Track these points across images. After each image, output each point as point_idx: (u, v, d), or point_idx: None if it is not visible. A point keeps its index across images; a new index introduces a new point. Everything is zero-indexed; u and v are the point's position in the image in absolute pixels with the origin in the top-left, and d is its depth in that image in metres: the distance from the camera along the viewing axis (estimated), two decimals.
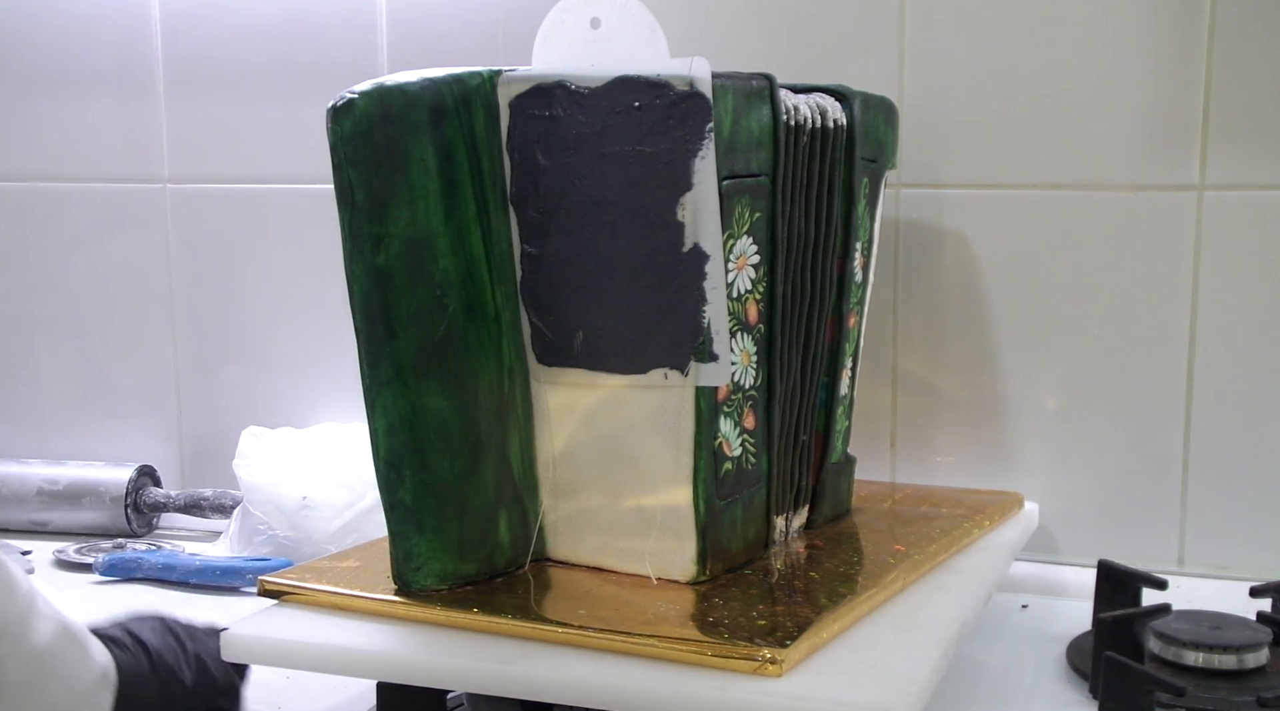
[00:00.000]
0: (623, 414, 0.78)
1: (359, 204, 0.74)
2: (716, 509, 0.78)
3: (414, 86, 0.74)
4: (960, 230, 1.05)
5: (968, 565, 0.87)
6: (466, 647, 0.72)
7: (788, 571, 0.82)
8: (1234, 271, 0.98)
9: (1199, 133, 0.98)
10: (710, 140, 0.72)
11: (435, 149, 0.75)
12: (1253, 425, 0.99)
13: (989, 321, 1.05)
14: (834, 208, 0.87)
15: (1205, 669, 0.79)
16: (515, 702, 0.76)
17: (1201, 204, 0.98)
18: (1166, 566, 1.01)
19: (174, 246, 1.30)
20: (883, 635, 0.73)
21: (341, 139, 0.73)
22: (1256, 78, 0.96)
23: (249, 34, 1.24)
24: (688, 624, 0.72)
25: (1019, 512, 1.00)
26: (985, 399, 1.05)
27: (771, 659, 0.67)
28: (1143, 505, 1.02)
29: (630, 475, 0.79)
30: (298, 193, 1.24)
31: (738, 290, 0.78)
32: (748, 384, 0.80)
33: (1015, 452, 1.05)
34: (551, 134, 0.76)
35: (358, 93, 0.73)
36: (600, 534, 0.81)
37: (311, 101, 1.15)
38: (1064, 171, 1.01)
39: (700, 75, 0.72)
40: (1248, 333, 0.98)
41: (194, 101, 1.27)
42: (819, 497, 0.91)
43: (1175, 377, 1.01)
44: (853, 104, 0.87)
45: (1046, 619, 0.96)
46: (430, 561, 0.77)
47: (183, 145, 1.28)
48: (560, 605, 0.75)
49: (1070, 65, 1.00)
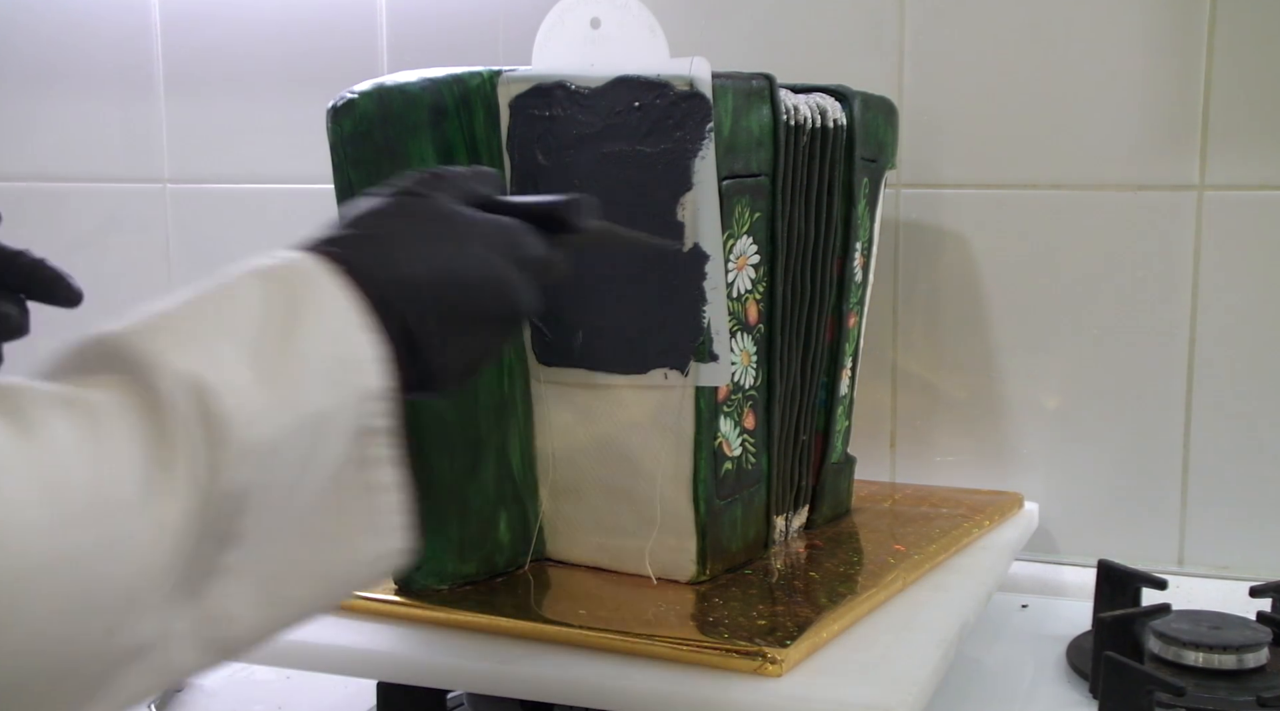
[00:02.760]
0: (623, 414, 0.78)
1: None
2: (716, 509, 0.78)
3: (414, 86, 0.74)
4: (960, 230, 1.05)
5: (967, 565, 0.87)
6: (466, 647, 0.72)
7: (788, 571, 0.82)
8: (1234, 271, 0.98)
9: (1199, 133, 0.98)
10: (710, 140, 0.72)
11: (435, 149, 0.75)
12: (1253, 425, 0.99)
13: (989, 321, 1.05)
14: (834, 208, 0.87)
15: (1205, 669, 0.79)
16: (515, 702, 0.76)
17: (1201, 204, 0.98)
18: (1166, 566, 1.01)
19: (174, 246, 1.30)
20: (883, 635, 0.73)
21: (342, 139, 0.73)
22: (1256, 78, 0.96)
23: (249, 34, 1.24)
24: (688, 624, 0.72)
25: (1019, 512, 1.00)
26: (985, 399, 1.05)
27: (771, 659, 0.67)
28: (1143, 505, 1.02)
29: (630, 475, 0.79)
30: (298, 193, 1.24)
31: (738, 290, 0.78)
32: (748, 384, 0.80)
33: (1015, 452, 1.05)
34: (551, 134, 0.76)
35: (358, 93, 0.73)
36: (600, 534, 0.81)
37: (311, 101, 1.15)
38: (1064, 171, 1.01)
39: (700, 75, 0.72)
40: (1248, 333, 0.98)
41: (194, 101, 1.27)
42: (819, 497, 0.91)
43: (1175, 378, 1.00)
44: (853, 104, 0.87)
45: (1046, 619, 0.96)
46: (430, 561, 0.77)
47: (183, 145, 1.28)
48: (560, 605, 0.75)
49: (1070, 65, 1.00)
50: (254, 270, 0.51)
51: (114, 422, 0.43)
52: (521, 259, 0.58)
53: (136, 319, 0.47)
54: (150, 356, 0.45)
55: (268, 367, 0.47)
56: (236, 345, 0.47)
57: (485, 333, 0.57)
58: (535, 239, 0.59)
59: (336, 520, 0.50)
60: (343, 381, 0.49)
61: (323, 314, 0.50)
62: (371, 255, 0.53)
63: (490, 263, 0.56)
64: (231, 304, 0.49)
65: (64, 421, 0.42)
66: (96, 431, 0.42)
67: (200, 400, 0.44)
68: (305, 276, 0.51)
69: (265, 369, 0.47)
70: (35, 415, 0.41)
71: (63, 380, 0.44)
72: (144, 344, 0.45)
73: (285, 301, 0.49)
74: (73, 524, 0.40)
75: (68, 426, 0.42)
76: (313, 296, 0.50)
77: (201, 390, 0.44)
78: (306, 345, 0.48)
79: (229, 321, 0.48)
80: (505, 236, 0.58)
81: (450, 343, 0.54)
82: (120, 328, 0.46)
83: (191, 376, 0.44)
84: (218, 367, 0.45)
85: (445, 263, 0.55)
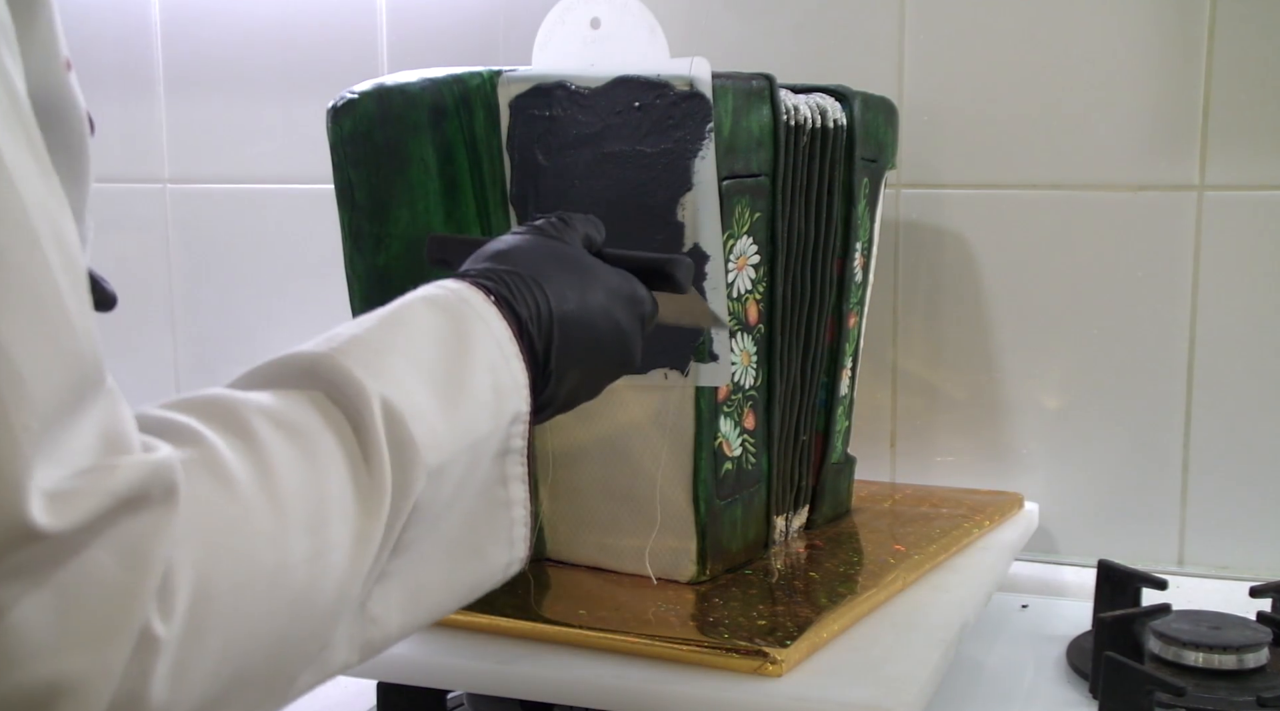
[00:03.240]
0: (623, 414, 0.78)
1: (359, 204, 0.74)
2: (716, 509, 0.78)
3: (414, 86, 0.74)
4: (960, 230, 1.05)
5: (968, 565, 0.87)
6: (466, 647, 0.72)
7: (788, 571, 0.82)
8: (1234, 271, 0.98)
9: (1199, 133, 0.98)
10: (710, 140, 0.72)
11: (435, 149, 0.75)
12: (1253, 425, 0.99)
13: (989, 321, 1.05)
14: (834, 208, 0.87)
15: (1205, 669, 0.79)
16: (515, 702, 0.76)
17: (1201, 204, 0.98)
18: (1166, 566, 1.01)
19: (174, 246, 1.30)
20: (883, 635, 0.73)
21: (342, 139, 0.73)
22: (1256, 78, 0.96)
23: (249, 34, 1.24)
24: (688, 624, 0.72)
25: (1019, 512, 1.00)
26: (985, 399, 1.05)
27: (771, 659, 0.67)
28: (1143, 505, 1.02)
29: (630, 475, 0.79)
30: (298, 193, 1.24)
31: (738, 290, 0.78)
32: (748, 384, 0.80)
33: (1015, 452, 1.05)
34: (551, 134, 0.76)
35: (358, 93, 0.73)
36: (600, 534, 0.81)
37: (311, 101, 1.15)
38: (1064, 171, 1.01)
39: (700, 75, 0.72)
40: (1248, 333, 0.98)
41: (194, 101, 1.27)
42: (819, 497, 0.91)
43: (1175, 378, 1.00)
44: (853, 104, 0.87)
45: (1046, 619, 0.96)
46: None
47: (183, 145, 1.28)
48: (560, 605, 0.75)
49: (1070, 65, 1.00)
50: (424, 297, 0.55)
51: (325, 442, 0.47)
52: (638, 313, 0.63)
53: (331, 340, 0.51)
54: (352, 379, 0.49)
55: (444, 395, 0.51)
56: (418, 371, 0.51)
57: (600, 373, 0.62)
58: (646, 293, 0.64)
59: (476, 532, 0.55)
60: (498, 407, 0.54)
61: (485, 343, 0.54)
62: (519, 290, 0.57)
63: (614, 312, 0.61)
64: (408, 331, 0.53)
65: (283, 440, 0.45)
66: (312, 449, 0.46)
67: (392, 424, 0.48)
68: (470, 307, 0.55)
69: (442, 396, 0.51)
70: (260, 433, 0.45)
71: (267, 390, 0.48)
72: (345, 364, 0.49)
73: (454, 331, 0.54)
74: (295, 533, 0.44)
75: (286, 444, 0.45)
76: (476, 327, 0.55)
77: (393, 414, 0.49)
78: (473, 373, 0.53)
79: (408, 348, 0.52)
80: (628, 290, 0.63)
81: (568, 376, 0.59)
82: (323, 348, 0.50)
83: (384, 400, 0.49)
84: (405, 393, 0.50)
85: (578, 305, 0.60)
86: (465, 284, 0.57)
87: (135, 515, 0.38)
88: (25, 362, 0.36)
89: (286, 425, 0.46)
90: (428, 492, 0.50)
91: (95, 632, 0.37)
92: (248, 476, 0.43)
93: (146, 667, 0.39)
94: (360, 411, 0.48)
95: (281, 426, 0.46)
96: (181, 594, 0.40)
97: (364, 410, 0.48)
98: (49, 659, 0.37)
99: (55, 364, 0.37)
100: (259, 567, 0.43)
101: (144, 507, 0.39)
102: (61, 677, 0.37)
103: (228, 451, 0.43)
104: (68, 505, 0.36)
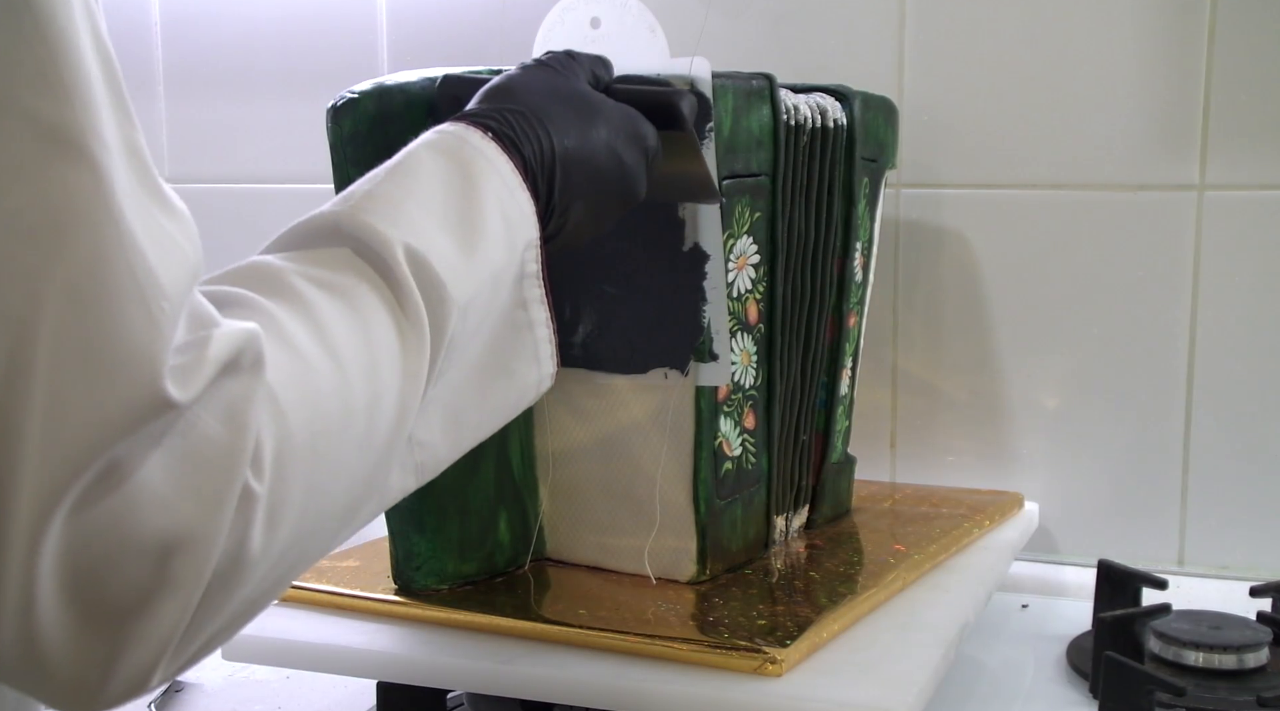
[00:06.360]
0: (623, 414, 0.78)
1: None
2: (716, 509, 0.78)
3: (414, 86, 0.74)
4: (960, 230, 1.05)
5: (968, 565, 0.87)
6: (466, 647, 0.72)
7: (788, 571, 0.82)
8: (1234, 271, 0.98)
9: (1199, 133, 0.98)
10: (710, 140, 0.72)
11: None
12: (1253, 425, 0.99)
13: (989, 321, 1.05)
14: (834, 208, 0.87)
15: (1205, 669, 0.79)
16: (515, 702, 0.76)
17: (1201, 204, 0.98)
18: (1166, 566, 1.01)
19: None
20: (883, 635, 0.73)
21: (342, 138, 0.73)
22: (1256, 78, 0.96)
23: (249, 34, 1.24)
24: (688, 624, 0.72)
25: (1019, 512, 1.00)
26: (985, 399, 1.05)
27: (771, 659, 0.67)
28: (1143, 505, 1.02)
29: (630, 475, 0.79)
30: (298, 193, 1.24)
31: (738, 290, 0.78)
32: (748, 384, 0.80)
33: (1015, 452, 1.05)
34: None
35: (358, 92, 0.73)
36: (600, 534, 0.81)
37: (311, 101, 1.15)
38: (1064, 171, 1.01)
39: (700, 75, 0.72)
40: (1248, 333, 0.98)
41: (194, 101, 1.27)
42: (819, 497, 0.91)
43: (1175, 378, 1.00)
44: (853, 104, 0.87)
45: (1046, 619, 0.96)
46: (430, 561, 0.77)
47: (183, 145, 1.28)
48: (560, 605, 0.75)
49: (1070, 65, 1.00)
50: (426, 144, 0.58)
51: (364, 294, 0.50)
52: (641, 148, 0.65)
53: (347, 199, 0.54)
54: (375, 231, 0.52)
55: (460, 234, 0.55)
56: (431, 215, 0.54)
57: (604, 206, 0.64)
58: (650, 129, 0.66)
59: (504, 353, 0.59)
60: (510, 237, 0.57)
61: (490, 178, 0.57)
62: (520, 127, 0.60)
63: (616, 147, 0.64)
64: (416, 178, 0.56)
65: (328, 298, 0.49)
66: (354, 303, 0.50)
67: (418, 268, 0.52)
68: (471, 146, 0.58)
69: (458, 235, 0.55)
70: (306, 294, 0.48)
71: (298, 253, 0.51)
72: (366, 218, 0.52)
73: (460, 171, 0.57)
74: (355, 382, 0.48)
75: (331, 302, 0.49)
76: (479, 164, 0.57)
77: (418, 259, 0.52)
78: (483, 208, 0.56)
79: (419, 194, 0.55)
80: (630, 124, 0.65)
81: (573, 209, 0.62)
82: (341, 207, 0.53)
83: (407, 247, 0.52)
84: (425, 238, 0.53)
85: (579, 139, 0.62)
86: (465, 124, 0.59)
87: (234, 381, 0.42)
88: (153, 251, 0.40)
89: (327, 284, 0.49)
90: (460, 325, 0.54)
91: (207, 493, 0.41)
92: (306, 336, 0.47)
93: (248, 521, 0.42)
94: (387, 261, 0.51)
95: (324, 286, 0.49)
96: (267, 450, 0.43)
97: (390, 259, 0.51)
98: (169, 516, 0.40)
99: (176, 252, 0.41)
100: (328, 419, 0.46)
101: (239, 373, 0.42)
102: (179, 533, 0.40)
103: (283, 315, 0.47)
104: (186, 377, 0.40)
